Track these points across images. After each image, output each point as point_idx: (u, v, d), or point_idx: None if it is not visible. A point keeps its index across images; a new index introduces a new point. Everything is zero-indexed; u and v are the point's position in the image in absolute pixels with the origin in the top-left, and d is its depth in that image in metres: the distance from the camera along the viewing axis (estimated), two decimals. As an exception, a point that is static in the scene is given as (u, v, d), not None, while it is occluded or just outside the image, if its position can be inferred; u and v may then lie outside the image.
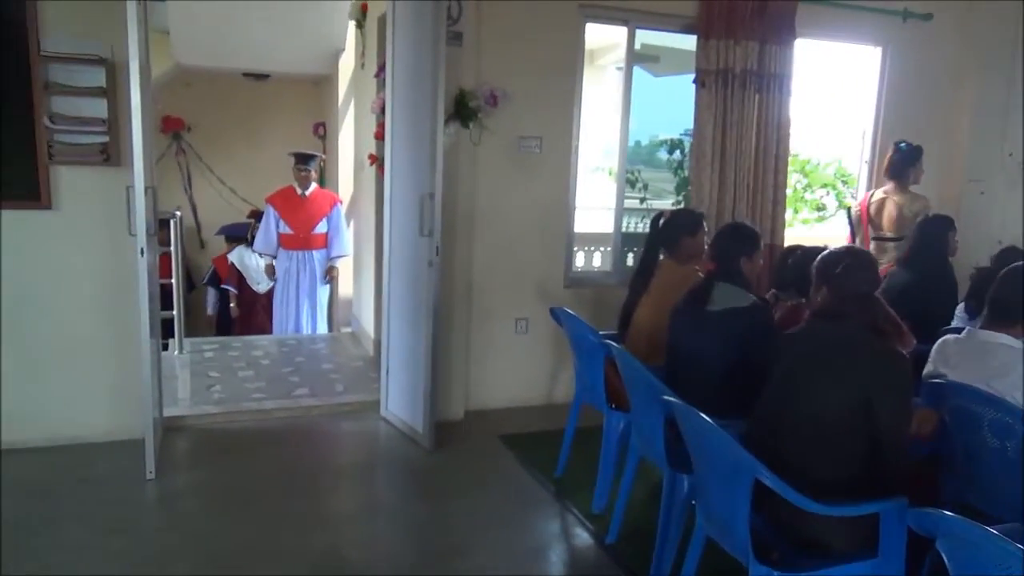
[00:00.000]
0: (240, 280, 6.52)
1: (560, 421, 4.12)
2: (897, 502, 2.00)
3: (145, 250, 3.08)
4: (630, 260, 5.42)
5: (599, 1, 4.21)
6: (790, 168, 5.07)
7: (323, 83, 7.49)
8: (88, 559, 2.71)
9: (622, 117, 4.54)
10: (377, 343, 5.18)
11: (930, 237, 3.80)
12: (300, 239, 6.00)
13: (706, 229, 3.48)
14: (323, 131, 7.56)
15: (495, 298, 4.30)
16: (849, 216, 4.88)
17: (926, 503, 1.86)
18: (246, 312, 6.55)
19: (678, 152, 7.02)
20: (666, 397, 2.29)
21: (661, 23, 4.54)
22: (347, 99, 6.55)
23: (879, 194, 4.58)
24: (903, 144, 4.49)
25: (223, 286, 6.62)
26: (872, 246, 4.53)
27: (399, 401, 4.02)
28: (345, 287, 6.46)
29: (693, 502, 2.47)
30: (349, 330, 6.11)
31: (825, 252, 2.35)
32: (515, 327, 4.40)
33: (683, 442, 2.33)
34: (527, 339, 4.44)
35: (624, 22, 4.39)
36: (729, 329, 2.67)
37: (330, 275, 6.14)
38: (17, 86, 3.21)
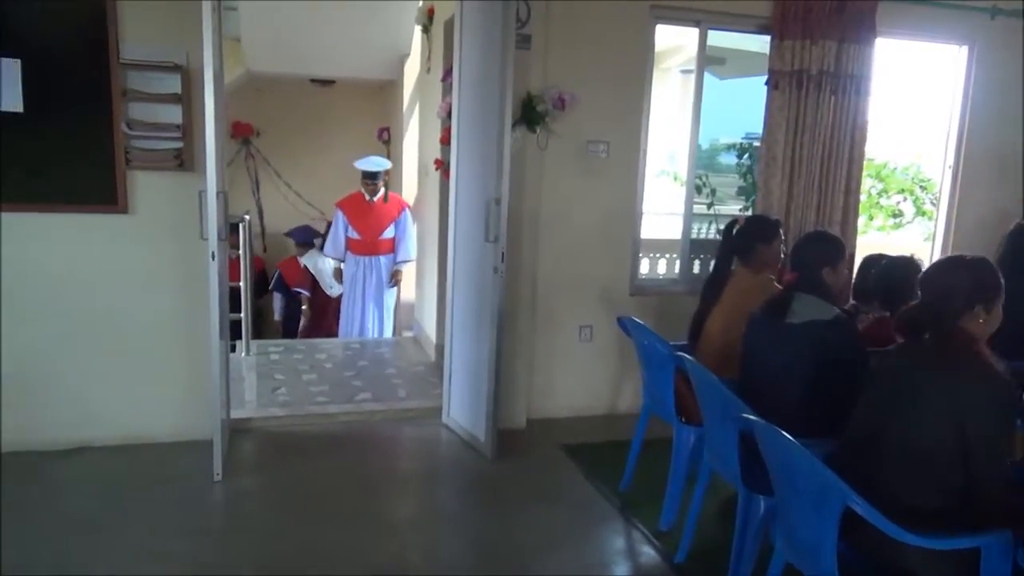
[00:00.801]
0: (313, 284, 6.58)
1: (624, 432, 4.03)
2: (1001, 536, 1.85)
3: (216, 254, 3.12)
4: (697, 268, 5.28)
5: (670, 1, 4.10)
6: (864, 172, 4.86)
7: (388, 88, 7.55)
8: (157, 560, 2.74)
9: (692, 121, 4.42)
10: (439, 348, 5.18)
11: (1021, 247, 3.58)
12: (368, 244, 6.05)
13: (782, 237, 3.35)
14: (387, 136, 7.62)
15: (559, 305, 4.23)
16: None
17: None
18: (318, 316, 6.60)
19: (746, 156, 6.84)
20: (745, 415, 2.17)
21: (734, 23, 4.40)
22: (411, 104, 6.58)
23: None
24: None
25: (296, 289, 6.64)
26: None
27: (461, 408, 3.99)
28: (408, 291, 6.48)
29: (770, 525, 2.35)
30: (411, 334, 6.13)
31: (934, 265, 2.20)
32: (579, 335, 4.32)
33: (759, 460, 2.22)
34: (591, 347, 4.36)
35: (696, 23, 4.27)
36: (810, 343, 2.53)
37: (396, 279, 6.17)
38: (98, 93, 3.29)
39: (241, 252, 5.05)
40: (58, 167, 3.34)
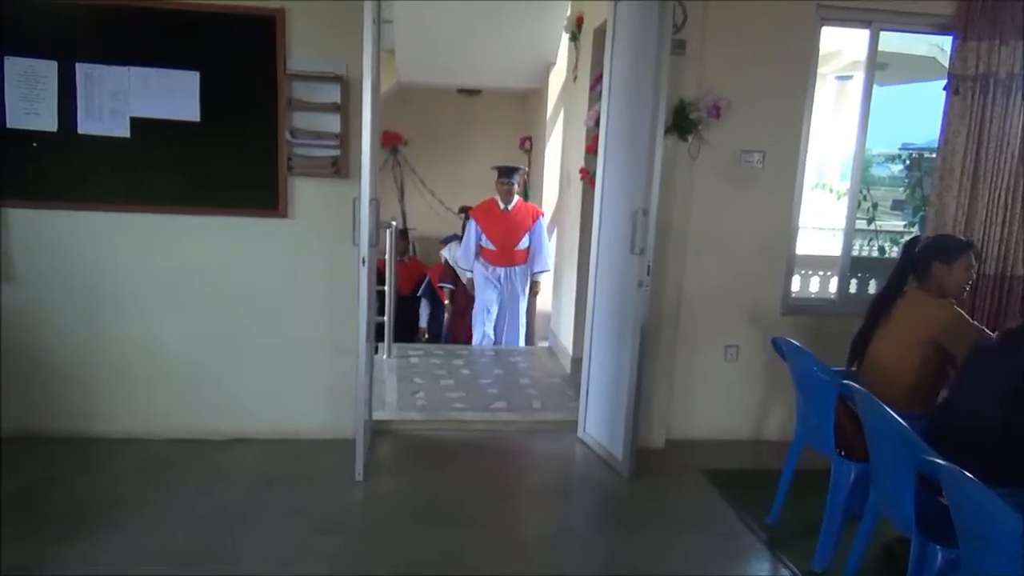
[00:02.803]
0: (455, 277, 6.40)
1: (770, 460, 3.79)
2: None
3: (367, 259, 3.19)
4: (853, 287, 4.91)
5: (840, 1, 3.83)
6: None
7: (531, 97, 7.58)
8: (299, 554, 2.83)
9: (859, 130, 4.09)
10: (575, 361, 5.10)
11: None
12: (503, 254, 5.93)
13: (973, 263, 3.01)
14: (529, 145, 7.65)
15: (704, 322, 4.04)
16: None
17: None
18: (460, 311, 6.46)
19: (910, 168, 6.32)
20: (930, 458, 1.94)
21: (909, 23, 4.04)
22: (555, 113, 6.56)
23: None
24: None
25: (440, 284, 6.55)
26: None
27: (598, 424, 3.88)
28: (543, 302, 6.45)
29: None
30: (545, 345, 6.08)
31: None
32: (724, 354, 4.10)
33: (938, 505, 1.98)
34: (736, 367, 4.13)
35: (867, 24, 3.96)
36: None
37: (534, 291, 6.06)
38: (266, 103, 3.48)
39: (387, 256, 5.19)
40: (227, 173, 3.56)
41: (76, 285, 3.56)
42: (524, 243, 5.96)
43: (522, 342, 6.14)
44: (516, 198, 5.96)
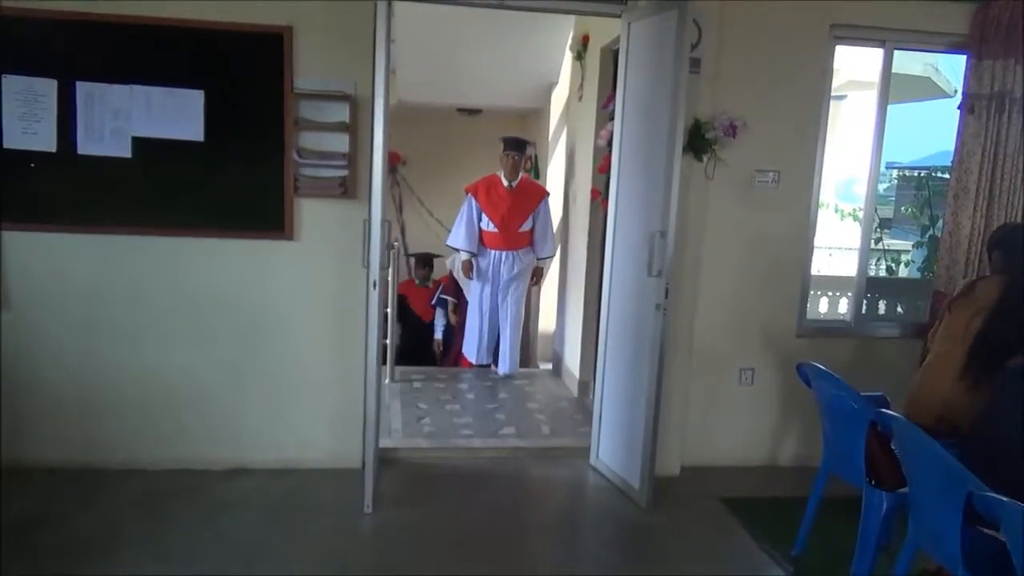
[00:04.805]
0: (457, 290, 6.09)
1: (788, 487, 3.72)
2: None
3: (378, 283, 3.09)
4: (863, 307, 4.83)
5: (854, 20, 3.78)
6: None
7: (531, 116, 7.53)
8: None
9: (873, 149, 4.03)
10: (583, 385, 5.00)
11: None
12: (504, 237, 5.31)
13: None
14: (530, 165, 7.57)
15: (719, 345, 3.95)
16: None
17: None
18: (463, 325, 6.02)
19: (918, 188, 6.29)
20: (985, 493, 1.84)
21: (924, 42, 4.01)
22: (557, 132, 6.50)
23: None
24: None
25: (441, 296, 6.26)
26: None
27: (611, 451, 3.77)
28: (545, 323, 6.34)
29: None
30: (548, 367, 5.97)
31: None
32: (739, 378, 4.01)
33: (979, 537, 1.88)
34: (751, 391, 4.04)
35: (880, 43, 3.92)
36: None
37: (537, 278, 5.57)
38: (273, 123, 3.38)
39: (390, 278, 5.08)
40: (232, 195, 3.46)
41: (74, 311, 3.44)
42: (527, 225, 5.38)
43: (519, 337, 5.63)
44: (522, 174, 5.44)
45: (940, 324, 3.13)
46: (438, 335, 6.28)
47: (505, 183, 5.33)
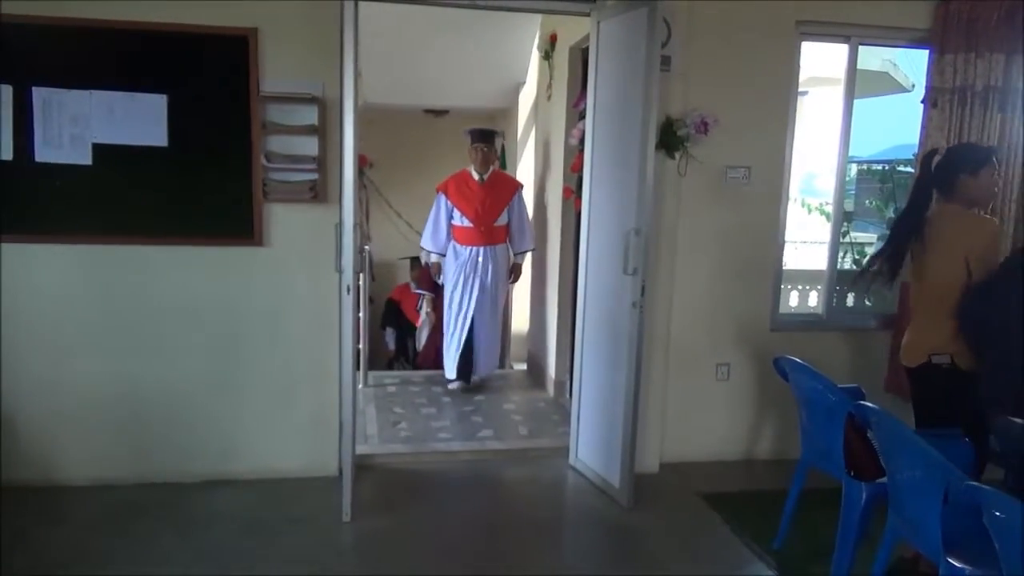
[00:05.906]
0: (432, 283, 5.81)
1: (766, 480, 3.76)
2: None
3: (351, 288, 3.04)
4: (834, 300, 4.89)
5: (818, 17, 3.82)
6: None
7: (498, 116, 7.50)
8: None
9: (840, 144, 4.08)
10: (559, 384, 4.99)
11: None
12: (480, 232, 5.11)
13: (995, 167, 3.00)
14: (498, 164, 7.55)
15: (694, 341, 3.96)
16: None
17: None
18: (441, 320, 5.76)
19: (883, 180, 6.40)
20: (971, 483, 1.86)
21: (887, 38, 4.08)
22: (525, 132, 6.49)
23: None
24: None
25: (418, 291, 6.15)
26: None
27: (591, 450, 3.77)
28: (518, 323, 6.32)
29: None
30: (523, 367, 5.95)
31: None
32: (715, 373, 4.03)
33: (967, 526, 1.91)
34: (727, 387, 4.06)
35: (846, 39, 3.97)
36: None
37: (516, 273, 5.44)
38: (239, 127, 3.31)
39: (361, 282, 5.01)
40: (198, 201, 3.37)
41: (34, 323, 3.33)
42: (503, 219, 5.19)
43: (499, 334, 5.50)
44: (492, 166, 5.25)
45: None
46: (391, 346, 6.41)
47: (476, 177, 5.16)
